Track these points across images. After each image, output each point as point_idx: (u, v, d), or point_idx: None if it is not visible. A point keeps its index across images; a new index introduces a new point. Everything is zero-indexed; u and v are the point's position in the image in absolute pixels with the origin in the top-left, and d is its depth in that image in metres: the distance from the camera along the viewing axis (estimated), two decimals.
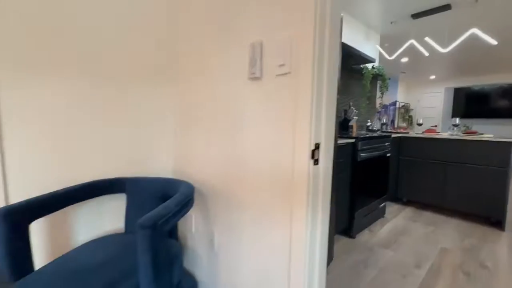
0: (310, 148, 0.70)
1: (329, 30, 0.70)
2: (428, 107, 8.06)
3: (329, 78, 0.72)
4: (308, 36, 0.68)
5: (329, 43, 0.71)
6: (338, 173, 1.90)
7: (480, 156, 2.32)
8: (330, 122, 0.77)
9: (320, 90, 0.71)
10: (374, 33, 3.70)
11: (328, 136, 0.76)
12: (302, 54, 0.70)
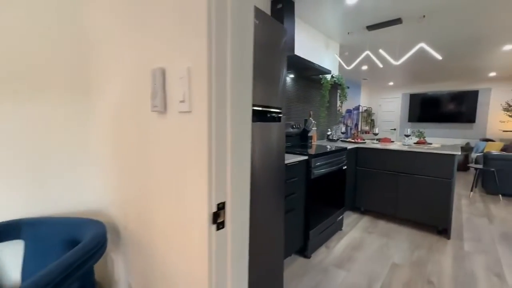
0: (210, 210, 0.56)
1: (231, 61, 0.56)
2: (388, 111, 8.53)
3: (235, 118, 0.59)
4: (202, 69, 0.54)
5: (232, 76, 0.57)
6: (291, 193, 1.81)
7: (427, 168, 2.40)
8: (242, 172, 0.63)
9: (223, 134, 0.57)
10: (334, 43, 3.73)
11: (239, 190, 0.62)
12: (198, 91, 0.56)
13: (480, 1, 2.46)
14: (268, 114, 1.37)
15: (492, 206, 3.32)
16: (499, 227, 2.65)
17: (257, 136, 1.25)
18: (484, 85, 6.65)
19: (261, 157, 1.30)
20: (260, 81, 1.26)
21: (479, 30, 3.21)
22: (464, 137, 7.00)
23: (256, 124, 1.24)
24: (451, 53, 4.22)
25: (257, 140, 1.26)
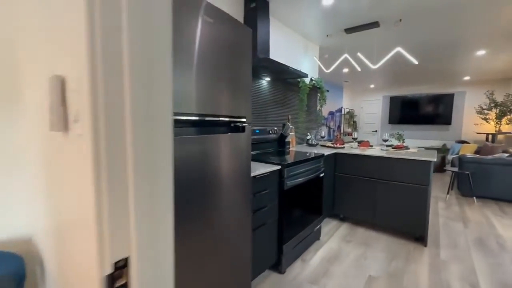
0: (103, 272, 0.41)
1: (132, 61, 0.42)
2: (370, 113, 8.65)
3: (142, 138, 0.45)
4: (83, 75, 0.39)
5: (135, 83, 0.43)
6: (262, 207, 1.68)
7: (404, 174, 2.36)
8: (159, 209, 0.49)
9: (119, 163, 0.42)
10: (313, 45, 3.66)
11: (154, 235, 0.48)
12: (82, 105, 0.41)
13: (454, 7, 2.46)
14: (229, 124, 1.23)
15: (467, 209, 3.37)
16: (474, 231, 2.66)
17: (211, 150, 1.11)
18: (459, 89, 6.87)
19: (218, 173, 1.16)
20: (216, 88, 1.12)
21: (453, 35, 3.24)
22: (441, 139, 7.20)
23: (209, 137, 1.10)
24: (427, 57, 4.27)
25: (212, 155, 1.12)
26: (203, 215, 1.10)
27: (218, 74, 1.13)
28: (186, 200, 1.03)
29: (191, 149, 1.03)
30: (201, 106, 1.06)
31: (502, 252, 2.24)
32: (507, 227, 2.76)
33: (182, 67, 0.96)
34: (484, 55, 4.15)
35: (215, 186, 1.15)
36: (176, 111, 0.93)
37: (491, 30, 3.09)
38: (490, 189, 3.70)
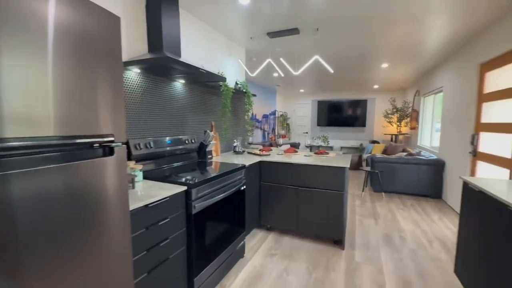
0: None
1: None
2: (301, 116, 9.17)
3: None
4: None
5: None
6: (162, 241, 1.36)
7: (322, 180, 2.39)
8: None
9: None
10: (239, 47, 3.49)
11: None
12: None
13: (362, 22, 2.64)
14: (89, 146, 0.88)
15: (377, 204, 3.76)
16: (382, 228, 2.93)
17: (53, 188, 0.74)
18: (371, 95, 7.90)
19: (65, 220, 0.80)
20: (63, 96, 0.76)
21: (363, 48, 3.55)
22: (359, 139, 8.15)
23: (51, 169, 0.73)
24: (342, 65, 4.65)
25: (55, 195, 0.75)
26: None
27: (63, 75, 0.77)
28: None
29: (21, 189, 0.65)
30: (36, 125, 0.69)
31: (403, 246, 2.49)
32: (406, 220, 3.16)
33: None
34: (387, 67, 4.78)
35: (63, 240, 0.79)
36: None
37: (391, 46, 3.51)
38: (394, 185, 4.25)
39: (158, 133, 2.10)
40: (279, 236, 2.67)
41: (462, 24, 2.70)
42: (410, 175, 4.13)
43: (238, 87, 3.18)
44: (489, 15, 2.48)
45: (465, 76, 3.36)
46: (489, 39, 2.79)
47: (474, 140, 2.98)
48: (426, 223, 3.07)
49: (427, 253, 2.36)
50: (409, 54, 3.91)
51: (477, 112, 3.01)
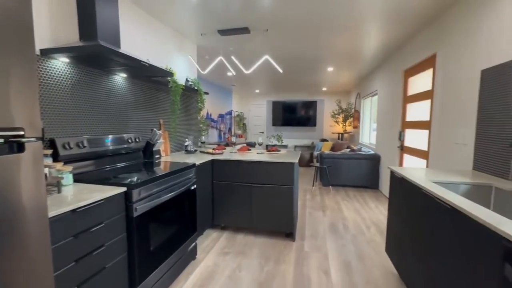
0: None
1: None
2: (257, 116, 9.34)
3: None
4: None
5: None
6: (95, 250, 1.22)
7: (274, 176, 2.47)
8: None
9: None
10: (190, 43, 3.37)
11: None
12: None
13: (309, 27, 2.81)
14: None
15: (326, 197, 4.05)
16: (329, 218, 3.16)
17: None
18: (320, 97, 8.49)
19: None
20: None
21: (311, 51, 3.79)
22: (311, 138, 8.68)
23: None
24: (292, 67, 4.90)
25: None
26: None
27: None
28: None
29: None
30: None
31: (346, 233, 2.73)
32: (349, 210, 3.47)
33: None
34: (333, 70, 5.19)
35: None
36: None
37: (335, 51, 3.82)
38: (340, 178, 4.64)
39: (95, 131, 1.90)
40: (233, 235, 2.66)
41: (390, 34, 3.09)
42: (353, 169, 4.56)
43: (189, 84, 3.07)
44: (410, 29, 2.90)
45: (394, 80, 3.86)
46: (410, 49, 3.25)
47: (401, 136, 3.45)
48: (365, 211, 3.43)
49: (365, 237, 2.63)
50: (350, 59, 4.31)
51: (403, 112, 3.48)
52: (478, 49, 1.93)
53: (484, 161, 1.81)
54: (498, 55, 1.71)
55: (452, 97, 2.28)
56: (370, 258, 2.22)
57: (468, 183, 1.54)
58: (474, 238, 0.99)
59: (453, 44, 2.28)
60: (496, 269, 0.86)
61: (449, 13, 2.35)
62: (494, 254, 0.88)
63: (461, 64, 2.14)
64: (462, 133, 2.10)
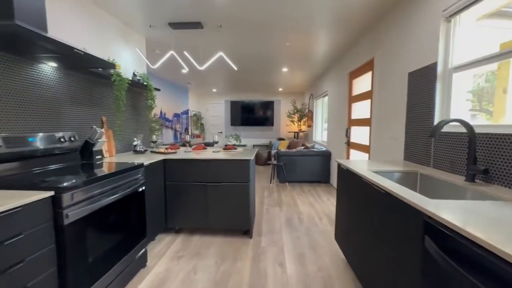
0: None
1: None
2: (215, 116, 9.18)
3: None
4: None
5: None
6: (8, 268, 1.02)
7: (229, 174, 2.44)
8: None
9: None
10: (137, 35, 3.13)
11: None
12: None
13: (263, 27, 2.86)
14: None
15: (282, 193, 4.18)
16: (285, 213, 3.27)
17: None
18: (277, 97, 8.75)
19: None
20: None
21: (265, 50, 3.87)
22: (269, 137, 8.88)
23: None
24: (248, 66, 4.94)
25: None
26: None
27: None
28: None
29: None
30: None
31: (301, 226, 2.85)
32: (304, 204, 3.64)
33: None
34: (287, 71, 5.40)
35: None
36: None
37: (289, 52, 3.97)
38: (296, 175, 4.84)
39: (15, 128, 1.61)
40: (188, 237, 2.55)
41: (338, 38, 3.33)
42: (307, 166, 4.81)
43: (136, 79, 2.84)
44: (353, 34, 3.17)
45: (341, 82, 4.18)
46: (354, 53, 3.57)
47: (347, 133, 3.76)
48: (319, 204, 3.64)
49: (318, 228, 2.78)
50: (303, 61, 4.54)
51: (348, 111, 3.80)
52: (406, 54, 2.20)
53: (412, 152, 2.07)
54: (421, 59, 1.98)
55: (386, 96, 2.56)
56: (321, 247, 2.36)
57: (399, 171, 1.75)
58: (404, 216, 1.11)
59: (386, 49, 2.57)
60: (420, 242, 0.98)
61: (383, 22, 2.64)
62: (418, 228, 1.00)
63: (393, 67, 2.42)
64: (395, 128, 2.37)
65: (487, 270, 0.67)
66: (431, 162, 1.81)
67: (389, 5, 2.40)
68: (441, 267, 0.84)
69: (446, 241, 0.83)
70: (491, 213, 0.87)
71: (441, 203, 0.97)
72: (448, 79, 1.73)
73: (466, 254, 0.74)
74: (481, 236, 0.69)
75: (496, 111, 1.56)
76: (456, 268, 0.74)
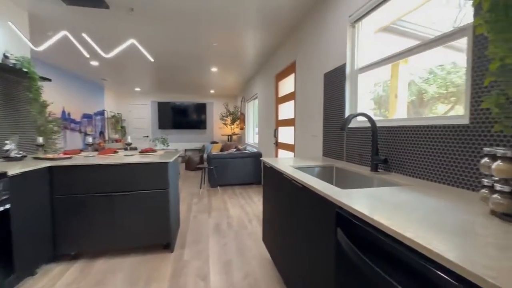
0: None
1: None
2: (139, 118, 8.23)
3: None
4: None
5: None
6: None
7: (145, 181, 2.08)
8: None
9: None
10: (14, 7, 2.41)
11: None
12: None
13: (184, 16, 2.60)
14: None
15: (213, 198, 3.95)
16: (214, 219, 3.05)
17: None
18: (209, 100, 8.49)
19: None
20: None
21: (190, 45, 3.60)
22: (202, 141, 8.50)
23: None
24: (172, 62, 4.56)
25: None
26: None
27: None
28: None
29: None
30: None
31: (229, 231, 2.69)
32: (235, 207, 3.51)
33: None
34: (217, 72, 5.23)
35: None
36: None
37: (217, 51, 3.81)
38: (228, 178, 4.69)
39: None
40: (89, 263, 2.04)
41: (265, 40, 3.37)
42: (239, 168, 4.72)
43: (11, 63, 2.16)
44: (278, 37, 3.26)
45: (269, 84, 4.28)
46: (279, 55, 3.69)
47: (275, 133, 3.85)
48: (249, 205, 3.57)
49: (247, 231, 2.68)
50: (233, 62, 4.46)
51: (276, 112, 3.90)
52: (322, 56, 2.34)
53: (329, 148, 2.19)
54: (334, 61, 2.12)
55: (307, 97, 2.69)
56: (249, 250, 2.24)
57: (318, 166, 1.79)
58: (320, 210, 1.07)
59: (306, 52, 2.70)
60: (333, 235, 0.94)
61: (303, 25, 2.78)
62: (332, 221, 0.96)
63: (312, 69, 2.56)
64: (315, 126, 2.49)
65: (393, 256, 0.63)
66: (344, 156, 1.93)
67: (308, 8, 2.53)
68: (352, 259, 0.80)
69: (356, 230, 0.79)
70: (391, 198, 0.89)
71: (350, 193, 0.96)
72: (355, 79, 1.89)
73: (372, 242, 0.70)
74: (385, 223, 0.65)
75: (391, 111, 1.78)
76: (362, 258, 0.70)
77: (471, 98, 0.99)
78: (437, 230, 0.61)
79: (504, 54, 0.75)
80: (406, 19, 1.82)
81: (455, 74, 1.67)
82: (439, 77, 1.76)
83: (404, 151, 1.33)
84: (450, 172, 1.08)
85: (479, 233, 0.59)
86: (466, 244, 0.53)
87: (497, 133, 0.90)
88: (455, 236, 0.57)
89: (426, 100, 1.87)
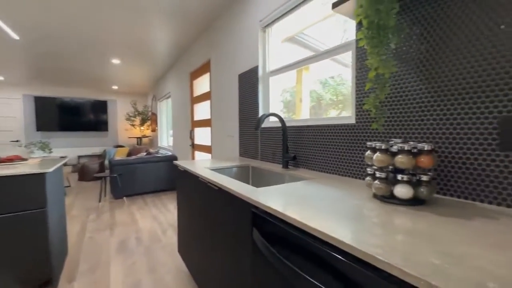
0: None
1: None
2: (6, 117, 6.19)
3: None
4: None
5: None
6: None
7: (9, 200, 1.52)
8: None
9: None
10: None
11: None
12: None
13: None
14: None
15: (117, 212, 3.37)
16: (118, 236, 2.58)
17: None
18: (111, 97, 7.28)
19: None
20: None
21: (79, 27, 2.94)
22: (103, 145, 7.20)
23: None
24: (54, 46, 3.67)
25: None
26: None
27: None
28: None
29: None
30: None
31: (138, 247, 2.33)
32: (145, 219, 3.10)
33: None
34: (121, 64, 4.53)
35: None
36: None
37: (122, 42, 3.26)
38: (136, 186, 4.11)
39: None
40: None
41: (177, 33, 3.11)
42: (151, 174, 4.23)
43: None
44: (192, 32, 3.09)
45: (183, 82, 4.03)
46: (193, 52, 3.52)
47: (191, 134, 3.65)
48: (163, 215, 3.23)
49: (161, 243, 2.40)
50: (141, 54, 3.94)
51: (191, 112, 3.70)
52: (236, 57, 2.36)
53: (245, 148, 2.22)
54: (248, 62, 2.16)
55: (222, 97, 2.66)
56: (164, 265, 2.00)
57: (235, 166, 1.77)
58: (237, 212, 1.03)
59: (220, 52, 2.67)
60: (249, 235, 0.91)
61: (218, 24, 2.74)
62: (248, 221, 0.93)
63: (227, 70, 2.55)
64: (231, 127, 2.49)
65: (306, 249, 0.65)
66: (259, 155, 2.00)
67: (222, 8, 2.50)
68: (268, 258, 0.79)
69: (270, 228, 0.78)
70: (300, 191, 0.95)
71: (263, 191, 0.97)
72: (267, 81, 1.99)
73: (286, 238, 0.71)
74: (296, 217, 0.66)
75: (297, 114, 1.98)
76: (276, 255, 0.69)
77: (356, 102, 1.18)
78: (340, 217, 0.66)
79: (377, 65, 0.92)
80: (306, 33, 2.06)
81: (343, 86, 2.00)
82: (331, 87, 2.07)
83: (309, 148, 1.48)
84: (344, 164, 1.25)
85: (367, 215, 0.68)
86: (358, 227, 0.59)
87: (372, 130, 1.10)
88: (351, 221, 0.63)
89: (323, 105, 2.17)
